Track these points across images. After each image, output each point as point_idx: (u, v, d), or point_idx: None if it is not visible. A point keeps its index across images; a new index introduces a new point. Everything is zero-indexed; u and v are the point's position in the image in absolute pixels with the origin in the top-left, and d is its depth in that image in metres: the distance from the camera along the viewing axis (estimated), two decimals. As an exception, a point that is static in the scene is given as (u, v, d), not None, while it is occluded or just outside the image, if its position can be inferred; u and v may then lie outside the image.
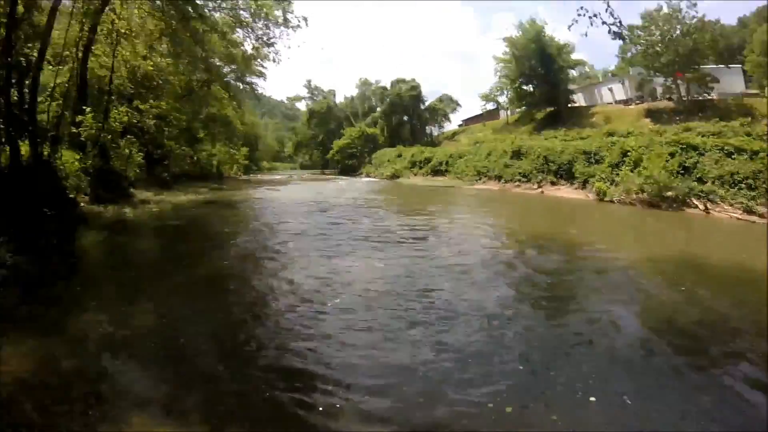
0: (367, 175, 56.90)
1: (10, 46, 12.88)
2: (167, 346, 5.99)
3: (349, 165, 66.95)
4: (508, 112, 57.27)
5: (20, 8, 13.08)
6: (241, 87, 48.17)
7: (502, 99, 55.58)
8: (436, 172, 43.49)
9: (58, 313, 7.04)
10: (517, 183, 31.31)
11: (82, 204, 16.58)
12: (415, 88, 72.35)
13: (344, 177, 58.93)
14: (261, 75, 47.05)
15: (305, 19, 28.67)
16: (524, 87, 48.83)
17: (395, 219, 17.43)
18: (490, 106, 59.38)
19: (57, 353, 5.61)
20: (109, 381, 5.09)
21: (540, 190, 28.84)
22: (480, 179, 35.55)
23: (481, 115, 63.54)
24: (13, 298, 7.49)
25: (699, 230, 16.08)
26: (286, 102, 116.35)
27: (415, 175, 46.21)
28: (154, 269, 10.57)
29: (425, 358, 5.56)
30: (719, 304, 7.62)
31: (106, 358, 5.61)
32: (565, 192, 27.15)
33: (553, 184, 28.77)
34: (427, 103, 73.93)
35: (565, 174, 28.29)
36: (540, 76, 46.12)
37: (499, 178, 33.47)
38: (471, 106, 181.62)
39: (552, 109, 47.31)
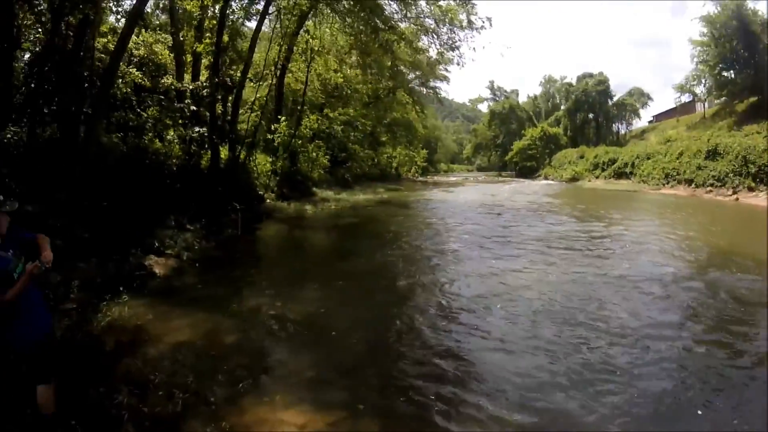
0: (545, 178, 54.65)
1: (217, 69, 15.87)
2: (321, 333, 6.25)
3: (528, 167, 64.46)
4: (705, 105, 49.00)
5: (225, 38, 16.00)
6: (425, 92, 50.09)
7: (700, 90, 47.32)
8: (620, 174, 39.86)
9: (230, 292, 7.96)
10: (708, 188, 27.48)
11: (268, 200, 19.14)
12: (602, 82, 66.70)
13: (521, 179, 57.08)
14: (444, 79, 48.62)
15: (489, 19, 27.92)
16: (724, 74, 41.32)
17: (570, 225, 16.22)
18: (686, 98, 50.93)
19: (222, 328, 6.34)
20: (262, 358, 5.55)
21: (734, 196, 24.94)
22: (667, 183, 32.10)
23: (674, 109, 55.37)
24: (193, 278, 8.96)
25: None
26: (468, 104, 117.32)
27: (597, 177, 43.06)
28: (322, 260, 11.53)
29: (586, 397, 4.64)
30: None
31: (264, 337, 6.13)
32: (763, 199, 22.94)
33: (750, 189, 24.66)
34: (615, 99, 67.59)
35: (766, 177, 24.23)
36: (743, 59, 38.90)
37: (689, 182, 29.66)
38: (664, 99, 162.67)
39: (755, 98, 38.84)
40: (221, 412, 4.36)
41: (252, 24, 19.72)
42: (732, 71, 41.07)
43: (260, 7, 18.71)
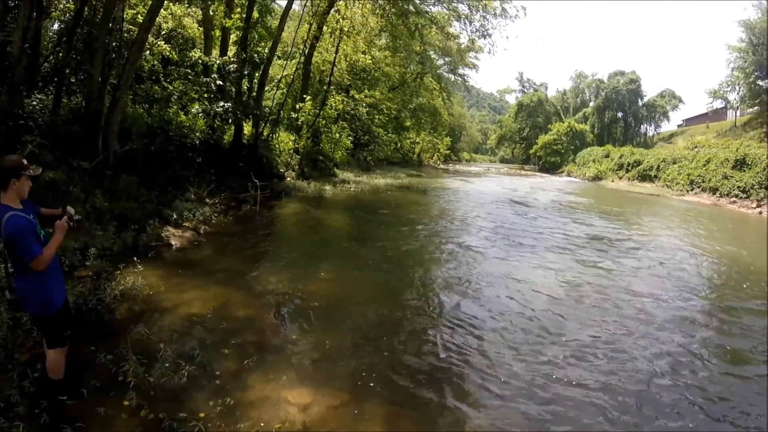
0: (568, 175, 53.59)
1: (245, 45, 15.84)
2: (330, 315, 6.27)
3: (552, 162, 63.34)
4: (737, 113, 47.79)
5: (255, 14, 15.95)
6: (453, 78, 49.54)
7: (733, 97, 45.95)
8: (644, 177, 38.82)
9: (244, 268, 8.02)
10: (732, 199, 26.63)
11: (288, 179, 19.19)
12: (634, 81, 65.40)
13: (543, 174, 56.31)
14: (473, 67, 48.02)
15: (524, 8, 27.23)
16: (760, 82, 40.12)
17: (594, 228, 15.04)
18: (718, 104, 49.44)
19: (234, 302, 6.40)
20: (271, 335, 5.60)
21: (759, 210, 23.98)
22: (692, 190, 31.41)
23: (705, 114, 54.06)
24: (208, 251, 9.03)
25: None
26: (495, 94, 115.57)
27: (620, 178, 42.07)
28: (336, 243, 11.43)
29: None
30: None
31: (274, 315, 6.19)
32: (789, 214, 21.85)
33: (776, 203, 23.67)
34: (645, 99, 66.03)
35: (794, 192, 23.14)
36: (780, 69, 36.90)
37: (714, 190, 28.82)
38: (695, 103, 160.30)
39: (790, 110, 37.56)
40: (226, 386, 4.42)
41: (282, 1, 19.65)
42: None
43: (292, -16, 18.60)
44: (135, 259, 7.24)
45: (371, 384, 4.70)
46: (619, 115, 67.30)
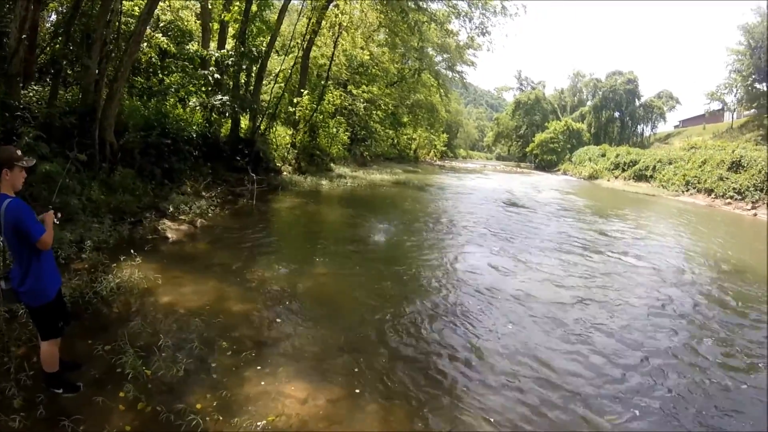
0: (564, 173, 53.38)
1: (243, 38, 15.79)
2: (327, 309, 6.33)
3: (548, 160, 62.87)
4: (734, 115, 48.54)
5: (254, 7, 15.87)
6: (450, 75, 49.42)
7: (730, 99, 47.07)
8: (639, 177, 38.83)
9: (240, 262, 8.01)
10: (728, 200, 26.74)
11: (285, 173, 19.16)
12: (631, 81, 65.42)
13: (539, 172, 56.09)
14: (471, 64, 47.87)
15: (524, 6, 27.07)
16: (757, 85, 40.98)
17: (591, 232, 14.42)
18: (715, 106, 50.45)
19: (231, 296, 6.41)
20: (268, 329, 5.59)
21: (753, 211, 24.01)
22: (687, 190, 31.51)
23: (702, 116, 54.89)
24: (205, 244, 9.06)
25: None
26: (493, 92, 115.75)
27: (616, 178, 42.04)
28: (333, 238, 11.41)
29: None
30: None
31: (271, 309, 6.17)
32: (783, 216, 21.89)
33: (771, 205, 23.76)
34: (642, 99, 66.07)
35: (788, 195, 23.24)
36: (777, 72, 37.73)
37: (709, 191, 28.99)
38: (692, 105, 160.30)
39: (787, 114, 38.35)
40: (223, 380, 4.42)
41: (282, -5, 19.52)
42: (765, 84, 40.65)
43: (291, -22, 18.54)
44: (132, 252, 7.20)
45: (367, 379, 4.71)
46: (616, 114, 67.29)
